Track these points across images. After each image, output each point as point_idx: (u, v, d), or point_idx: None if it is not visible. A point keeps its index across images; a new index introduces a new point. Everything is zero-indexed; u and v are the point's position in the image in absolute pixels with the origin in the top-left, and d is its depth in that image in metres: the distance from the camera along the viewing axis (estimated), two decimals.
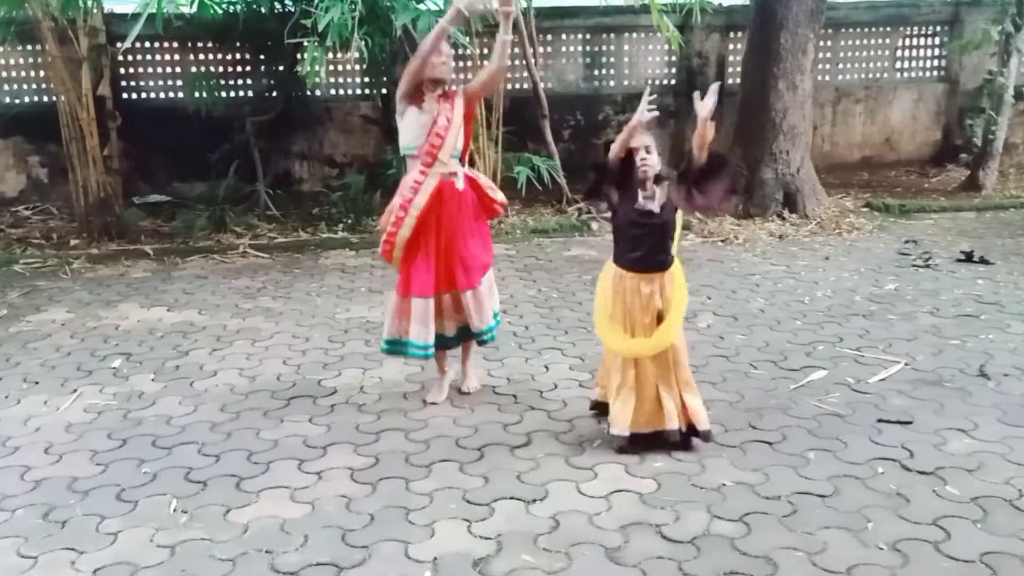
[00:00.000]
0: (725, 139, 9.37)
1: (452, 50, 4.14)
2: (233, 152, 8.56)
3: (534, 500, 3.25)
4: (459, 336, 4.30)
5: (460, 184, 4.13)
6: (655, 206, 3.55)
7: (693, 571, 2.80)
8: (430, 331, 4.10)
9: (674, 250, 3.66)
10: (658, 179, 3.58)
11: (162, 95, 9.24)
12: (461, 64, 9.38)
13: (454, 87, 4.20)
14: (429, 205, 4.04)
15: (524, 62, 8.55)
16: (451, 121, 4.06)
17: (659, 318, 3.58)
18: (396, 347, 4.21)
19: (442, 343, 4.24)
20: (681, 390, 3.64)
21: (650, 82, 10.00)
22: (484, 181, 4.33)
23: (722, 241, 7.50)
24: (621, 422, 3.59)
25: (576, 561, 2.87)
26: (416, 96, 4.10)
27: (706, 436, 3.64)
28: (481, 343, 4.32)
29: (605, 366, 3.82)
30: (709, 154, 3.53)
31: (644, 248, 3.57)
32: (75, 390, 4.46)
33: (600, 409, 3.87)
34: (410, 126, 4.09)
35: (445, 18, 4.12)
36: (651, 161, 3.53)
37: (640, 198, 3.57)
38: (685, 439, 3.62)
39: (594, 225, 8.02)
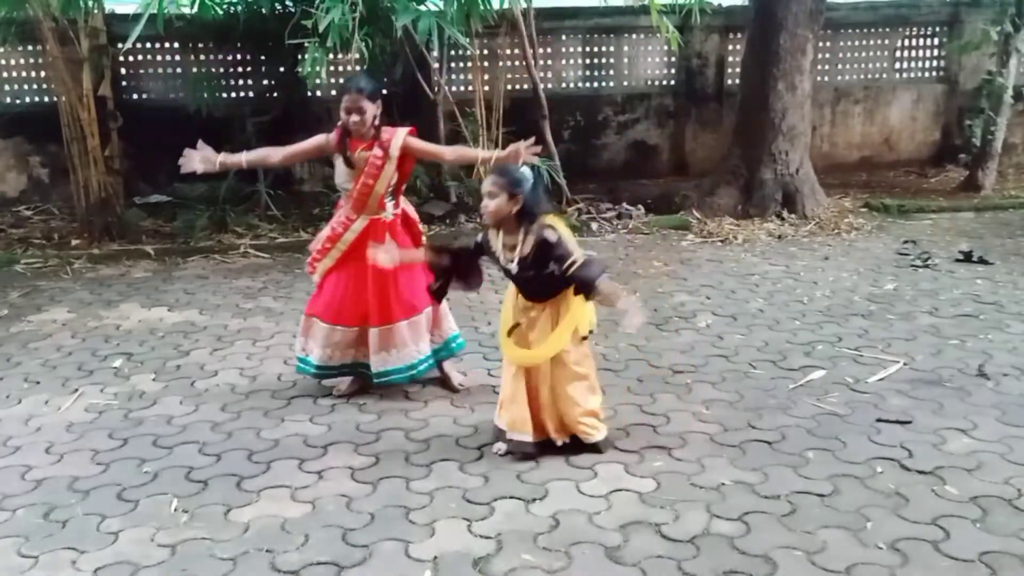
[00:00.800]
0: (725, 139, 9.43)
1: (361, 97, 4.04)
2: (234, 152, 8.55)
3: (534, 499, 3.26)
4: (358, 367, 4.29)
5: (387, 217, 4.22)
6: (514, 265, 3.46)
7: (692, 570, 2.80)
8: (332, 355, 4.20)
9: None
10: (521, 223, 3.44)
11: (163, 95, 9.25)
12: (461, 64, 9.42)
13: (386, 133, 4.15)
14: (353, 243, 4.17)
15: (524, 63, 8.55)
16: (381, 170, 4.12)
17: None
18: (301, 366, 4.30)
19: (353, 371, 4.30)
20: (561, 406, 3.56)
21: (649, 82, 10.04)
22: (412, 216, 4.42)
23: (721, 241, 7.51)
24: (520, 427, 3.56)
25: (576, 560, 2.87)
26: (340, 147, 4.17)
27: (597, 448, 3.60)
28: (380, 383, 4.25)
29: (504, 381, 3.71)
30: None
31: (522, 287, 3.58)
32: (76, 390, 4.46)
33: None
34: (340, 170, 4.24)
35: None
36: (489, 207, 3.42)
37: (501, 253, 3.50)
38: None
39: (594, 225, 8.03)
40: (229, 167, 4.39)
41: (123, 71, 9.04)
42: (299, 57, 6.88)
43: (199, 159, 4.29)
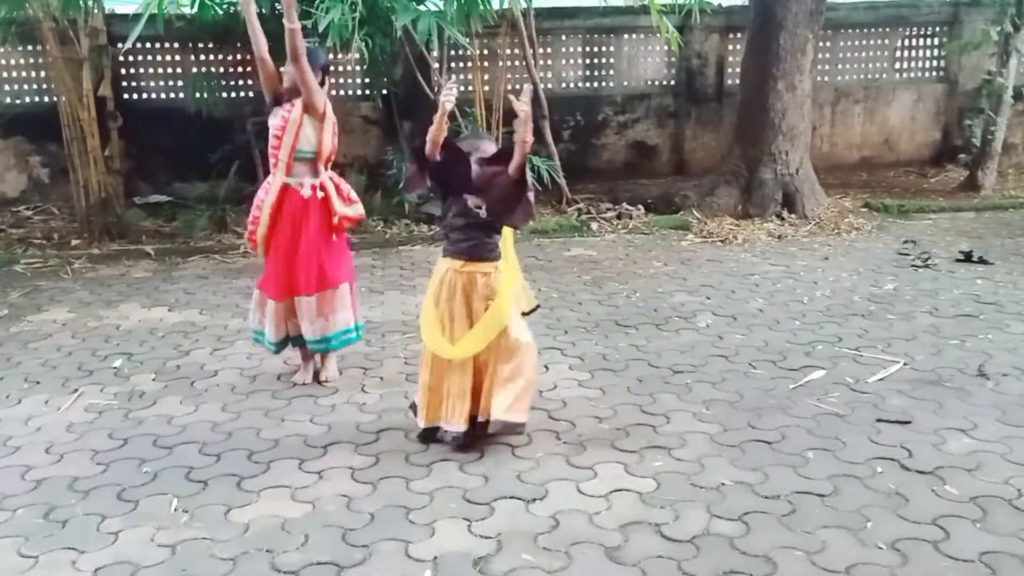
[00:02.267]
0: (725, 139, 9.44)
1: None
2: (234, 152, 8.56)
3: (534, 499, 3.26)
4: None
5: (305, 192, 4.26)
6: (483, 209, 3.56)
7: (692, 570, 2.81)
8: (279, 330, 4.36)
9: (506, 250, 3.67)
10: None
11: (163, 95, 9.25)
12: (460, 64, 9.42)
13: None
14: (274, 205, 4.26)
15: (524, 63, 8.55)
16: (287, 120, 4.21)
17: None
18: (257, 336, 4.50)
19: (296, 342, 4.45)
20: (493, 385, 3.60)
21: (649, 82, 10.04)
22: (342, 190, 4.37)
23: (721, 241, 7.51)
24: (458, 419, 3.63)
25: (576, 560, 2.87)
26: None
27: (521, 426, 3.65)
28: (318, 351, 4.42)
29: (432, 379, 3.71)
30: (518, 167, 3.53)
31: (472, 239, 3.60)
32: (76, 390, 4.46)
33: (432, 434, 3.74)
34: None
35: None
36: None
37: (469, 199, 3.58)
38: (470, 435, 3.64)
39: (594, 225, 8.03)
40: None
41: (123, 71, 9.03)
42: None
43: None
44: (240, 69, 9.05)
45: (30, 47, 8.61)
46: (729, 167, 8.52)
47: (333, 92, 9.40)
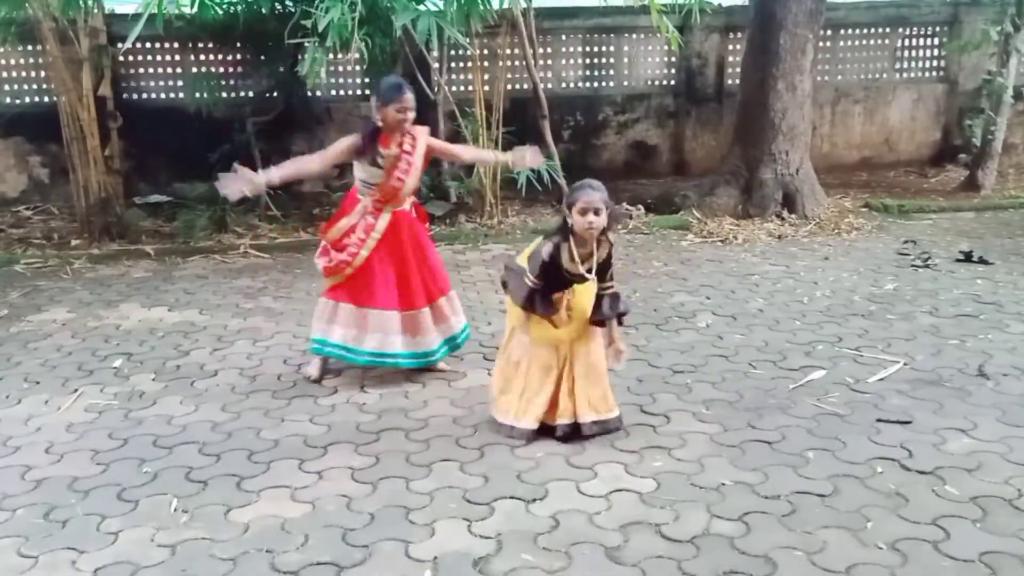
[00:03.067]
0: (725, 139, 9.44)
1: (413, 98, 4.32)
2: (234, 152, 8.51)
3: (534, 499, 3.26)
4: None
5: (408, 207, 4.50)
6: (592, 273, 3.61)
7: (693, 570, 2.81)
8: (395, 340, 4.37)
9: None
10: (604, 234, 3.62)
11: (163, 95, 9.25)
12: (460, 64, 9.42)
13: (409, 131, 4.36)
14: (386, 231, 4.37)
15: (524, 63, 8.55)
16: (412, 165, 4.35)
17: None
18: (345, 352, 4.42)
19: (426, 357, 4.48)
20: (575, 385, 3.71)
21: (649, 82, 10.04)
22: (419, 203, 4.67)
23: (721, 241, 7.51)
24: (531, 416, 3.72)
25: (576, 560, 2.87)
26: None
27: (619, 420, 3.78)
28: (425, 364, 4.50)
29: (508, 374, 3.82)
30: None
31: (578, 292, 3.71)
32: (76, 390, 4.46)
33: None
34: (365, 168, 4.35)
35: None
36: (596, 223, 3.54)
37: (577, 258, 3.60)
38: (574, 431, 3.73)
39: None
40: (273, 185, 4.45)
41: (123, 71, 9.04)
42: (299, 57, 6.88)
43: (243, 183, 4.30)
44: (240, 69, 9.06)
45: (30, 47, 8.62)
46: (729, 167, 8.52)
47: (333, 92, 9.46)
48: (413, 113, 4.30)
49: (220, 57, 9.05)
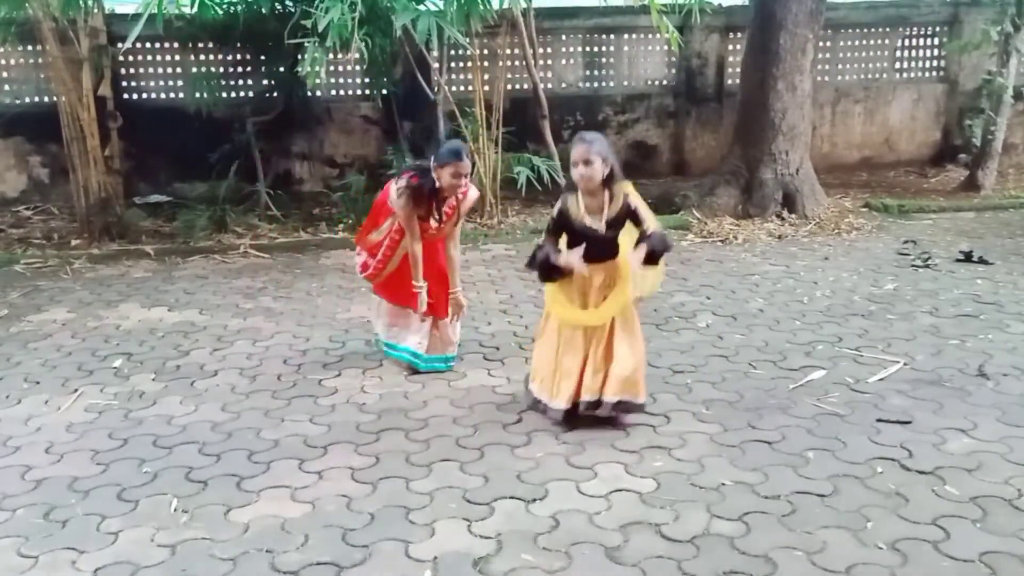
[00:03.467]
0: (725, 139, 9.43)
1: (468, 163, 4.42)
2: (234, 152, 8.57)
3: (534, 500, 3.26)
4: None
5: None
6: (601, 224, 3.72)
7: (693, 570, 2.80)
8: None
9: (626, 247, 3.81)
10: (608, 186, 3.70)
11: (163, 95, 9.26)
12: (460, 64, 9.42)
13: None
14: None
15: (524, 63, 8.56)
16: (458, 217, 4.54)
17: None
18: (391, 349, 4.63)
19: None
20: (609, 364, 3.78)
21: (649, 82, 10.04)
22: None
23: (721, 241, 7.51)
24: (562, 397, 3.82)
25: (576, 560, 2.87)
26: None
27: (639, 408, 3.86)
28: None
29: (547, 359, 3.93)
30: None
31: (596, 248, 3.75)
32: (76, 390, 4.46)
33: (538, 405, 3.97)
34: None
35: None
36: (586, 173, 3.64)
37: (584, 217, 3.71)
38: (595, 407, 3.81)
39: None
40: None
41: (123, 71, 9.04)
42: (299, 57, 6.88)
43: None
44: (240, 69, 9.07)
45: (30, 47, 8.63)
46: (729, 167, 8.51)
47: (334, 92, 9.46)
48: (468, 179, 4.42)
49: (220, 57, 9.07)
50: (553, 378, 3.87)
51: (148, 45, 9.04)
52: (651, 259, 3.71)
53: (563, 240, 3.83)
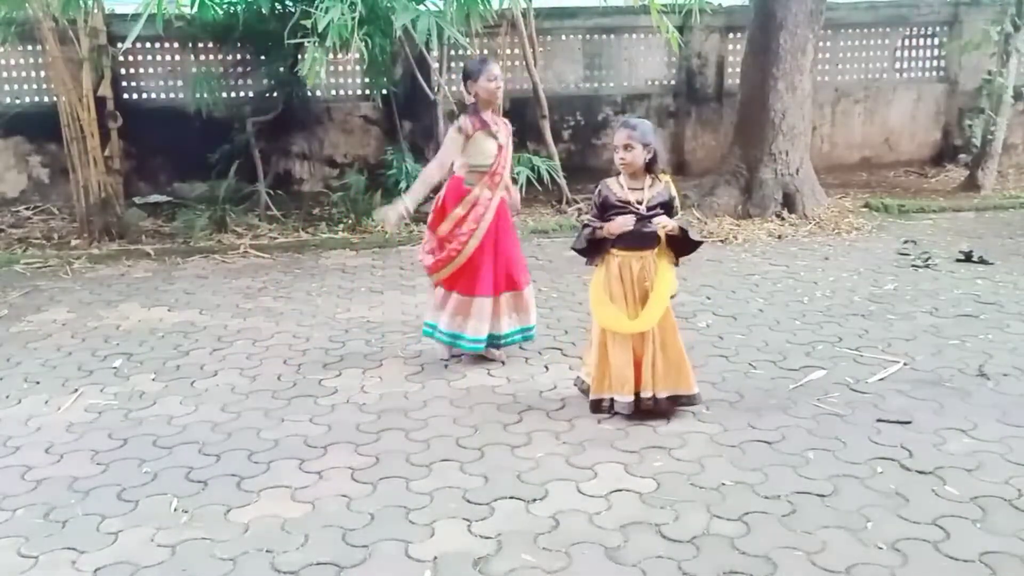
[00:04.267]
0: (725, 139, 9.43)
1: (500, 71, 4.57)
2: (234, 152, 8.56)
3: (534, 500, 3.26)
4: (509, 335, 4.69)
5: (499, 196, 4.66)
6: (643, 207, 3.83)
7: (693, 570, 2.80)
8: (486, 327, 4.56)
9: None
10: (650, 171, 3.89)
11: (163, 95, 9.26)
12: (460, 64, 9.40)
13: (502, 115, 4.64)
14: (494, 218, 4.57)
15: (524, 63, 8.55)
16: (504, 146, 4.63)
17: (645, 297, 3.88)
18: (455, 340, 4.60)
19: (494, 341, 4.65)
20: (656, 359, 3.87)
21: (649, 82, 10.04)
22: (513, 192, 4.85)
23: (721, 241, 7.51)
24: (627, 391, 3.88)
25: (576, 560, 2.87)
26: (480, 124, 4.54)
27: (692, 400, 3.96)
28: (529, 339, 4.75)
29: (599, 358, 3.96)
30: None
31: (637, 234, 3.84)
32: (76, 390, 4.46)
33: (600, 403, 4.00)
34: (480, 150, 4.54)
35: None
36: (627, 158, 3.85)
37: (626, 189, 3.90)
38: (661, 404, 3.92)
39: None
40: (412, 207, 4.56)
41: (123, 71, 9.04)
42: (299, 57, 6.89)
43: (394, 216, 4.52)
44: (240, 69, 9.06)
45: (30, 47, 8.63)
46: (729, 167, 8.51)
47: (334, 92, 9.46)
48: (503, 83, 4.57)
49: (220, 57, 9.06)
50: (611, 375, 3.91)
51: (148, 45, 9.04)
52: (682, 245, 3.88)
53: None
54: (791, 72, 8.09)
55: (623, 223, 3.79)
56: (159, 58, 9.20)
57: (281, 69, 8.42)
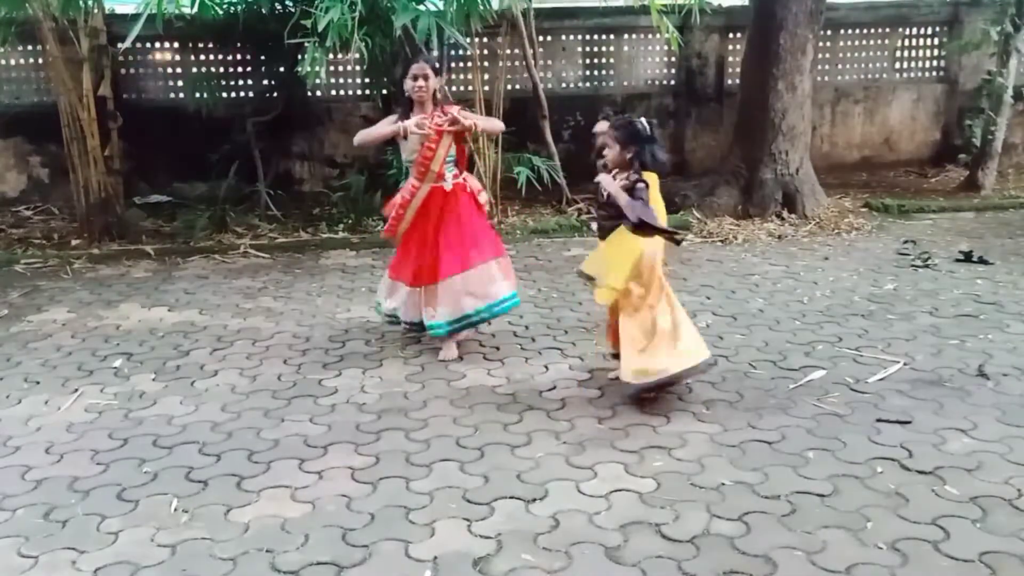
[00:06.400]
0: (725, 139, 9.43)
1: (426, 66, 4.59)
2: (234, 152, 8.56)
3: (534, 499, 3.26)
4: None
5: (448, 186, 4.71)
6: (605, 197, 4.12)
7: (693, 570, 2.81)
8: (394, 305, 4.86)
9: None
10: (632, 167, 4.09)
11: (163, 95, 9.25)
12: (460, 64, 9.42)
13: (447, 103, 4.68)
14: (422, 207, 4.68)
15: (524, 63, 8.55)
16: (440, 136, 4.57)
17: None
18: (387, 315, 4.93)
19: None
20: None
21: (649, 82, 10.05)
22: (474, 184, 4.90)
23: (721, 241, 7.51)
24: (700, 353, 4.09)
25: (576, 560, 2.87)
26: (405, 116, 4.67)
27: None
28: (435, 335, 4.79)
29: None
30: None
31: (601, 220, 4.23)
32: (76, 390, 4.46)
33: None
34: (406, 144, 4.67)
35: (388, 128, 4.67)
36: (608, 154, 4.16)
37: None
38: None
39: (594, 225, 8.01)
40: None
41: (123, 71, 9.04)
42: (299, 57, 6.88)
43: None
44: (240, 69, 9.06)
45: (30, 47, 8.63)
46: (729, 167, 8.51)
47: (334, 92, 9.46)
48: (426, 82, 4.52)
49: (220, 57, 9.06)
50: (662, 351, 4.00)
51: (148, 45, 9.03)
52: (646, 228, 4.00)
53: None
54: (791, 72, 8.08)
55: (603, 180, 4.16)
56: (159, 58, 9.19)
57: (281, 69, 8.42)
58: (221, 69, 9.02)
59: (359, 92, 9.49)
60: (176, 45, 9.07)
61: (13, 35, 7.66)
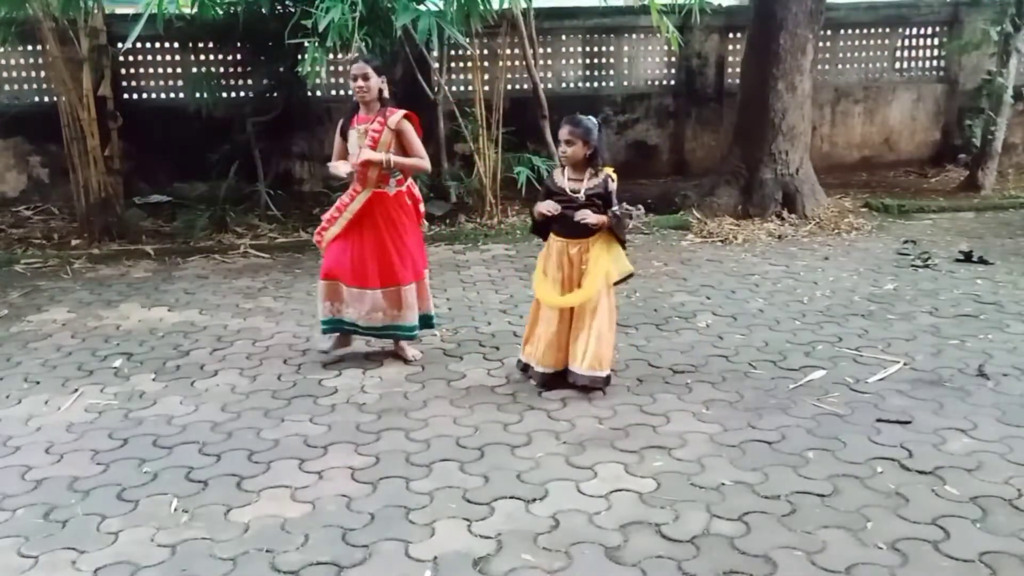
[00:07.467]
0: (725, 139, 9.44)
1: (366, 66, 4.50)
2: (234, 152, 8.56)
3: (534, 499, 3.26)
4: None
5: (392, 191, 4.61)
6: (581, 195, 4.18)
7: (693, 570, 2.81)
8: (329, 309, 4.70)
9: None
10: (592, 165, 4.25)
11: (163, 95, 9.25)
12: (461, 64, 9.43)
13: (389, 112, 4.54)
14: (359, 213, 4.56)
15: (524, 63, 8.55)
16: (377, 142, 4.49)
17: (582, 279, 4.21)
18: (334, 324, 4.73)
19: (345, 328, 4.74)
20: (590, 338, 4.16)
21: (649, 82, 10.04)
22: (417, 193, 4.81)
23: (721, 241, 7.51)
24: (551, 364, 4.27)
25: (576, 560, 2.87)
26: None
27: (604, 381, 4.21)
28: (369, 336, 4.78)
29: (529, 325, 4.41)
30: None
31: (568, 222, 4.17)
32: (76, 390, 4.46)
33: (527, 369, 4.43)
34: (351, 146, 4.61)
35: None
36: (567, 152, 4.25)
37: (564, 180, 4.25)
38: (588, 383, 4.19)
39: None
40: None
41: (123, 71, 9.04)
42: (299, 57, 6.88)
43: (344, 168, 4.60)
44: (240, 69, 9.06)
45: (30, 47, 8.63)
46: (729, 167, 8.51)
47: (334, 92, 9.46)
48: (366, 82, 4.45)
49: (220, 57, 9.06)
50: (536, 346, 4.30)
51: (148, 45, 9.03)
52: (616, 236, 4.23)
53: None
54: (791, 72, 8.08)
55: (546, 207, 4.19)
56: (159, 58, 9.19)
57: (281, 69, 8.41)
58: (221, 69, 9.02)
59: None
60: (176, 45, 9.06)
61: (13, 35, 7.66)
